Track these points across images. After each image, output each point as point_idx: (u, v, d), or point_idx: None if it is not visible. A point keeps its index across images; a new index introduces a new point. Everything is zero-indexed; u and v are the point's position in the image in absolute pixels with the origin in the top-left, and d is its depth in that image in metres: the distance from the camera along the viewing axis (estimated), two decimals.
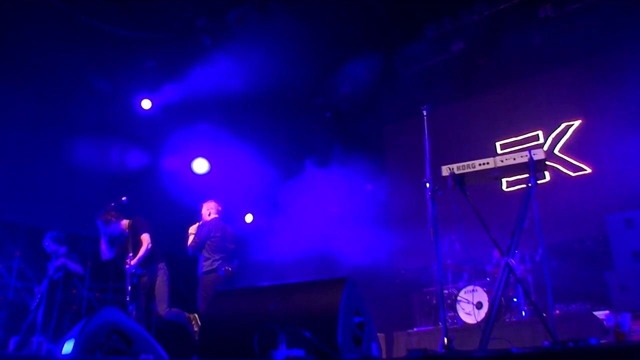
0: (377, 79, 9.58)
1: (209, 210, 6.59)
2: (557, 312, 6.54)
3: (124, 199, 6.34)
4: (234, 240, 6.59)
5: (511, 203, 8.31)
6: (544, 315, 4.28)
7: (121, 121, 9.01)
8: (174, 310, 5.86)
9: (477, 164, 4.14)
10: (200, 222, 6.48)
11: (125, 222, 6.19)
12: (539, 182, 4.11)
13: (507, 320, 6.77)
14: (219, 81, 8.49)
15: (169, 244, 7.20)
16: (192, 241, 6.27)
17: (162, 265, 6.04)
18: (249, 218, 10.30)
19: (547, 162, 5.14)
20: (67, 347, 3.02)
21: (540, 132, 8.75)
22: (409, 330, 7.66)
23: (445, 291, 7.59)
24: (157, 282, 5.90)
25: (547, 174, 8.37)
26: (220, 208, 6.68)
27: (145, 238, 5.99)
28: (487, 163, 4.12)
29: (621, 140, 7.83)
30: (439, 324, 7.51)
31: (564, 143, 8.52)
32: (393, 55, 9.21)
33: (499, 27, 8.32)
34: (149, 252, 5.94)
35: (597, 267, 6.50)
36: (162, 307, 5.82)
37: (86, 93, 8.28)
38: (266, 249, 9.17)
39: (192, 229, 6.39)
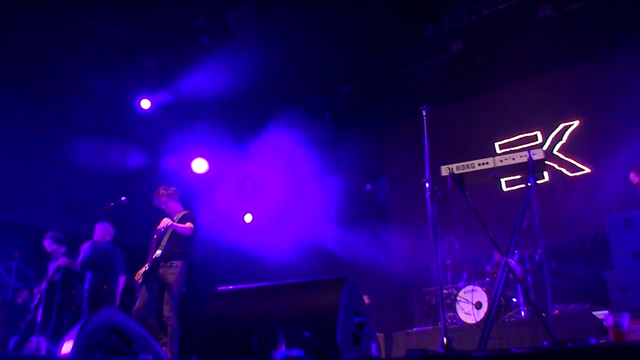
0: (376, 79, 9.58)
1: (104, 233, 6.61)
2: (556, 312, 6.54)
3: (123, 198, 6.34)
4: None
5: (510, 203, 8.32)
6: (543, 315, 4.28)
7: (120, 121, 9.02)
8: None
9: (477, 164, 4.14)
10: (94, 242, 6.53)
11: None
12: (538, 182, 4.11)
13: (506, 320, 6.77)
14: (218, 81, 8.49)
15: None
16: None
17: (178, 264, 5.70)
18: (248, 218, 10.31)
19: (546, 162, 5.13)
20: (66, 347, 3.02)
21: (539, 133, 8.76)
22: (408, 330, 7.66)
23: (445, 291, 7.59)
24: (170, 280, 5.58)
25: (546, 174, 8.38)
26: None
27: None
28: (487, 163, 4.12)
29: (620, 140, 7.82)
30: (438, 324, 7.51)
31: (563, 143, 8.52)
32: (392, 55, 9.21)
33: (498, 27, 8.31)
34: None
35: (596, 267, 6.51)
36: (167, 309, 5.50)
37: (85, 93, 8.28)
38: (265, 249, 9.17)
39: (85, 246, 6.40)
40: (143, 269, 5.68)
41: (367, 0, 7.96)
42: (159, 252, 5.65)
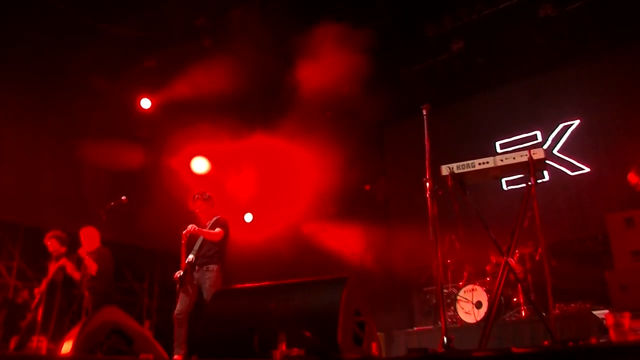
0: (377, 79, 9.56)
1: (94, 238, 6.42)
2: (557, 311, 6.54)
3: (123, 198, 6.33)
4: None
5: (511, 202, 8.31)
6: (544, 314, 4.28)
7: (121, 120, 9.01)
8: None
9: (477, 164, 4.15)
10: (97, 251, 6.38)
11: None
12: (538, 181, 4.11)
13: (506, 319, 6.77)
14: (218, 81, 8.48)
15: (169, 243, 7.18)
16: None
17: (215, 268, 5.72)
18: (248, 217, 10.31)
19: (547, 162, 5.13)
20: (67, 347, 3.03)
21: (539, 132, 8.75)
22: (409, 330, 7.67)
23: (445, 290, 7.59)
24: (207, 285, 5.58)
25: (546, 173, 8.37)
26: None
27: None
28: (487, 162, 4.13)
29: (620, 139, 7.83)
30: (438, 323, 7.51)
31: (564, 142, 8.52)
32: (393, 54, 9.20)
33: (498, 26, 8.31)
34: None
35: (597, 266, 6.51)
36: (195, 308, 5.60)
37: (86, 92, 8.27)
38: (265, 249, 9.17)
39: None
40: (178, 274, 5.63)
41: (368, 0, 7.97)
42: (191, 256, 5.68)
